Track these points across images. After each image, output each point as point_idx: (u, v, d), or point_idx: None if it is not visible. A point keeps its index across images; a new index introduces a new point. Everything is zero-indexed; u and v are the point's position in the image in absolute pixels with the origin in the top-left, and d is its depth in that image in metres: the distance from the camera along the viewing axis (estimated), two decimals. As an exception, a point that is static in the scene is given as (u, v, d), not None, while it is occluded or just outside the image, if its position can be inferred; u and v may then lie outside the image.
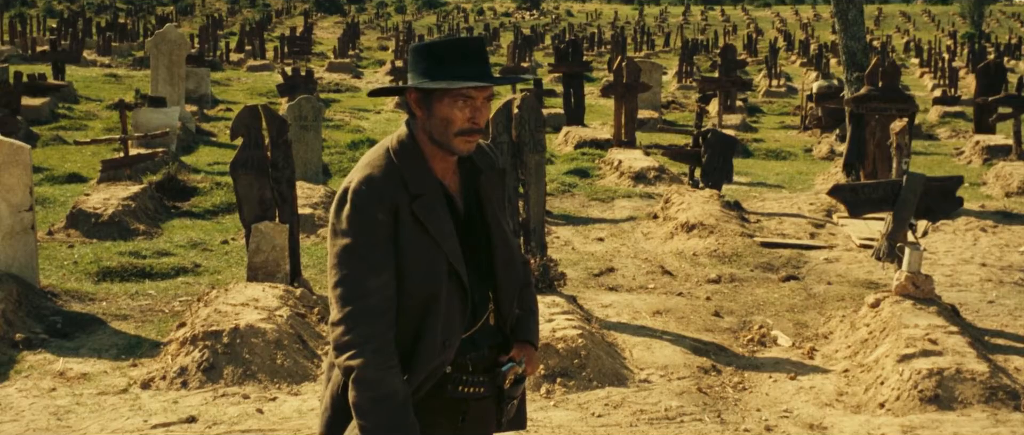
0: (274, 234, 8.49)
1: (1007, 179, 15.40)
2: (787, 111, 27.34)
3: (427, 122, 3.17)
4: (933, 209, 8.74)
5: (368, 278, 3.08)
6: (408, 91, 3.20)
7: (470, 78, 3.13)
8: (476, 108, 3.15)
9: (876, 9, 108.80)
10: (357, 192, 3.11)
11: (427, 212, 3.13)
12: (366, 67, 41.40)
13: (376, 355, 3.06)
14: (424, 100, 3.17)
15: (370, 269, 3.08)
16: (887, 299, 8.18)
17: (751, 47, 54.21)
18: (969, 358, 7.07)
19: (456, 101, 3.13)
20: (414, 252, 3.12)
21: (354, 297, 3.08)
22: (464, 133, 3.15)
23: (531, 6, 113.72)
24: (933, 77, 38.81)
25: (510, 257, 3.35)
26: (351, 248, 3.09)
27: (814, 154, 19.42)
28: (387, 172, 3.14)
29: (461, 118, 3.14)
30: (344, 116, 24.33)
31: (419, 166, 3.18)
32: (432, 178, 3.19)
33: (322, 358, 7.43)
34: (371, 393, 3.06)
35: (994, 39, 73.00)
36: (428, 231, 3.12)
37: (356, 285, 3.08)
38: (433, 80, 3.13)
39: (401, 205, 3.11)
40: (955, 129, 23.45)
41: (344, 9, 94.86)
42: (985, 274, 10.38)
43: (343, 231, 3.11)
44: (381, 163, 3.17)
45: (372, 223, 3.09)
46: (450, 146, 3.16)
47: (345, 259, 3.10)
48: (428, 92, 3.15)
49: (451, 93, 3.12)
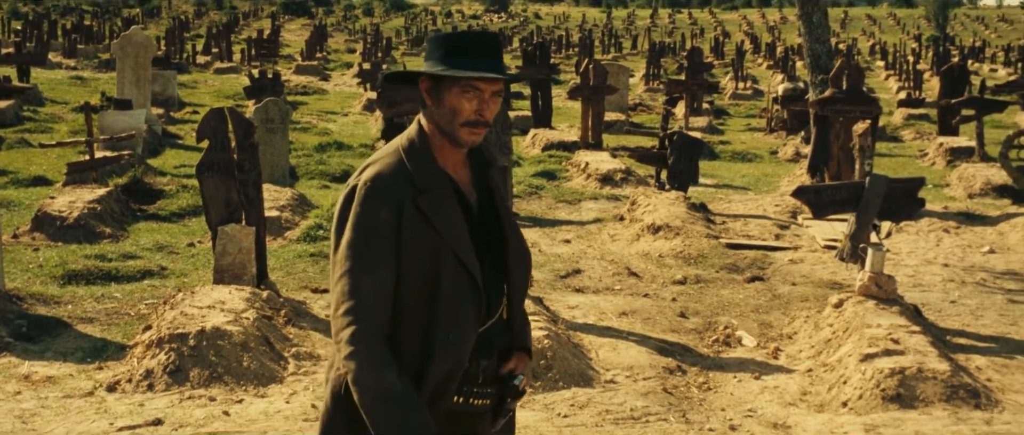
0: (240, 237, 8.48)
1: (970, 180, 15.56)
2: (753, 113, 27.50)
3: (436, 111, 3.18)
4: (896, 210, 8.85)
5: (365, 276, 3.07)
6: (420, 79, 3.22)
7: (481, 70, 3.14)
8: (484, 101, 3.17)
9: (842, 12, 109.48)
10: (362, 189, 3.12)
11: (432, 206, 3.12)
12: (334, 69, 41.33)
13: (370, 354, 3.05)
14: (434, 89, 3.18)
15: (367, 267, 3.07)
16: (850, 299, 8.26)
17: (718, 50, 54.50)
18: (931, 357, 7.16)
19: (465, 92, 3.14)
20: (417, 247, 3.10)
21: (351, 295, 3.07)
22: (470, 124, 3.15)
23: (499, 9, 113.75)
24: (898, 80, 39.15)
25: (521, 250, 3.35)
26: (352, 245, 3.09)
27: (780, 156, 19.56)
28: (393, 169, 3.14)
29: (468, 109, 3.14)
30: (312, 119, 24.29)
31: (426, 160, 3.17)
32: (439, 172, 3.19)
33: (289, 360, 7.44)
34: (372, 392, 3.06)
35: (958, 42, 73.64)
36: (433, 225, 3.11)
37: (353, 282, 3.07)
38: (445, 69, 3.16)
39: (405, 201, 3.10)
40: (919, 131, 23.67)
41: (312, 11, 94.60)
42: (947, 274, 10.49)
43: (346, 228, 3.12)
44: (389, 160, 3.17)
45: (374, 221, 3.09)
46: (456, 136, 3.17)
47: (345, 256, 3.10)
48: (439, 81, 3.17)
49: (460, 83, 3.14)
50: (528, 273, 3.41)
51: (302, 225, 11.90)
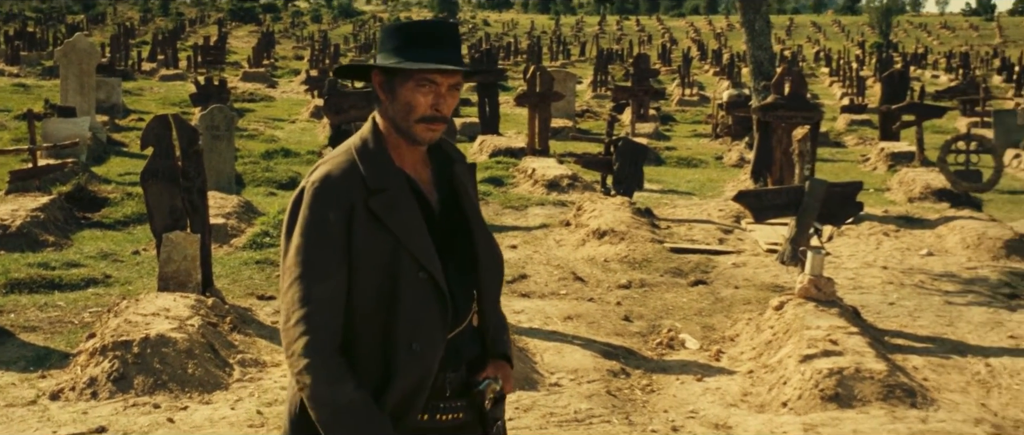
0: (185, 244, 8.47)
1: (910, 185, 15.81)
2: (699, 119, 27.74)
3: (390, 107, 2.99)
4: (835, 214, 9.00)
5: (314, 285, 2.89)
6: (373, 73, 3.04)
7: (437, 62, 2.94)
8: (440, 95, 2.96)
9: (788, 19, 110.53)
10: (310, 191, 2.93)
11: (386, 208, 2.92)
12: (281, 76, 41.19)
13: (325, 366, 2.86)
14: (388, 83, 2.99)
15: (317, 275, 2.89)
16: (790, 302, 8.40)
17: (665, 57, 54.91)
18: (868, 358, 7.29)
19: (420, 86, 2.94)
20: (371, 251, 2.91)
21: (301, 304, 2.89)
22: (426, 120, 2.95)
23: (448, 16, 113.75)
24: (842, 86, 39.66)
25: (491, 251, 3.14)
26: (299, 251, 2.91)
27: (725, 161, 19.76)
28: (344, 170, 2.95)
29: (423, 104, 2.94)
30: (259, 126, 24.20)
31: (380, 160, 2.98)
32: (395, 171, 2.99)
33: (234, 366, 7.44)
34: (329, 408, 2.87)
35: (901, 49, 74.65)
36: (388, 228, 2.91)
37: (302, 292, 2.89)
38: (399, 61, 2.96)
39: (357, 203, 2.91)
40: (862, 137, 24.00)
41: (259, 18, 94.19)
42: (887, 277, 10.67)
43: (294, 233, 2.94)
44: (340, 160, 2.98)
45: (323, 225, 2.90)
46: (411, 133, 2.97)
47: (293, 263, 2.92)
48: (392, 74, 2.97)
49: (415, 77, 2.94)
50: (500, 275, 3.20)
51: (248, 232, 11.89)
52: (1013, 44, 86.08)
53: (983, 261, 11.45)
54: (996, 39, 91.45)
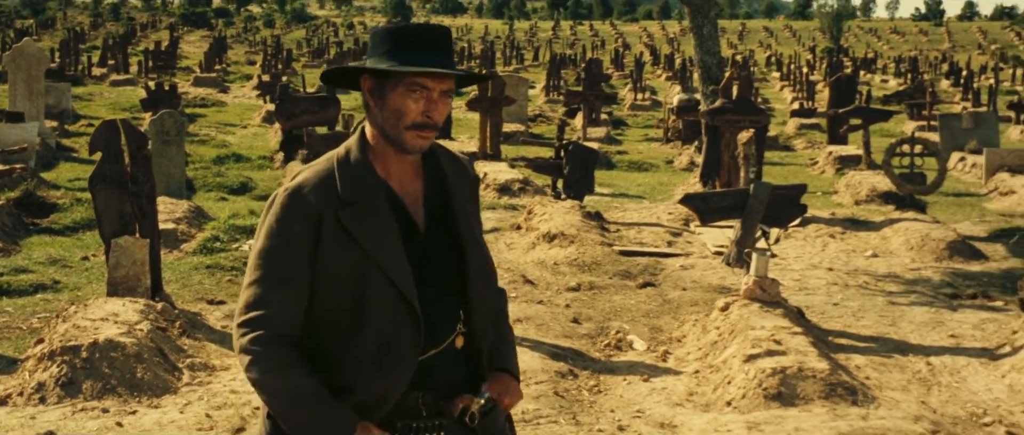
0: (134, 249, 8.47)
1: (857, 188, 16.04)
2: (651, 124, 27.93)
3: (379, 113, 2.88)
4: (779, 216, 9.15)
5: (271, 291, 2.84)
6: (362, 78, 2.93)
7: (428, 66, 2.83)
8: (432, 101, 2.86)
9: (740, 24, 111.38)
10: (281, 198, 2.87)
11: (356, 221, 2.83)
12: (233, 81, 41.03)
13: (270, 357, 2.81)
14: (378, 88, 2.89)
15: (275, 281, 2.84)
16: (736, 303, 8.52)
17: (618, 61, 55.14)
18: (811, 357, 7.42)
19: (411, 91, 2.84)
20: (336, 264, 2.83)
21: (254, 306, 2.85)
22: (416, 127, 2.84)
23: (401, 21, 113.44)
24: (792, 90, 40.01)
25: (484, 271, 3.02)
26: (263, 255, 2.86)
27: (675, 165, 19.94)
28: (320, 179, 2.87)
29: (414, 110, 2.84)
30: (210, 131, 24.13)
31: (359, 171, 2.89)
32: (374, 183, 2.90)
33: (183, 370, 7.46)
34: (280, 396, 2.82)
35: (852, 53, 75.45)
36: (356, 241, 2.82)
37: (259, 295, 2.85)
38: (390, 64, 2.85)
39: (326, 214, 2.83)
40: (811, 140, 24.28)
41: (211, 23, 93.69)
42: (832, 278, 10.84)
43: (261, 235, 2.89)
44: (318, 168, 2.91)
45: (288, 233, 2.84)
46: (401, 141, 2.86)
47: (253, 266, 2.88)
48: (383, 79, 2.87)
49: (405, 81, 2.84)
50: (492, 297, 3.08)
51: (199, 237, 11.88)
52: (962, 49, 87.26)
53: (926, 262, 11.65)
54: (945, 44, 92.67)
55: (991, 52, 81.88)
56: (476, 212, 3.11)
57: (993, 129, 21.34)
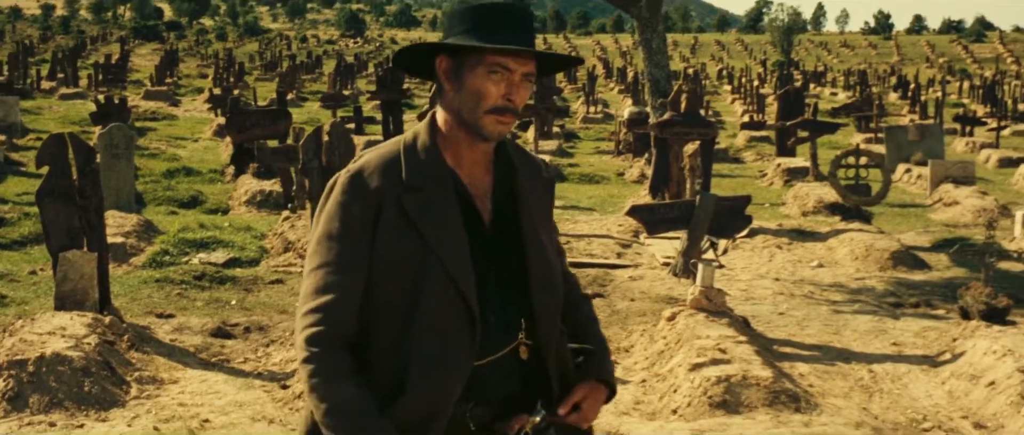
0: (82, 263, 8.45)
1: (804, 199, 16.25)
2: (603, 137, 28.11)
3: (456, 96, 2.71)
4: (725, 226, 9.28)
5: (331, 278, 2.68)
6: (438, 58, 2.75)
7: (513, 45, 2.67)
8: (513, 83, 2.70)
9: (693, 38, 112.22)
10: (342, 181, 2.73)
11: (420, 208, 2.68)
12: (184, 95, 40.86)
13: (322, 361, 2.66)
14: (455, 70, 2.71)
15: (335, 268, 2.69)
16: (682, 312, 8.63)
17: (570, 74, 55.34)
18: (755, 365, 7.54)
19: (492, 72, 2.67)
20: (394, 252, 2.68)
21: (315, 294, 2.70)
22: (497, 111, 2.68)
23: (355, 34, 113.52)
24: (743, 103, 40.37)
25: (549, 277, 2.82)
26: (320, 241, 2.72)
27: (626, 178, 20.09)
28: (385, 162, 2.71)
29: (495, 93, 2.67)
30: (160, 144, 24.01)
31: (427, 156, 2.73)
32: (441, 170, 2.73)
33: (131, 384, 7.45)
34: (325, 405, 2.65)
35: (802, 67, 76.23)
36: (419, 230, 2.67)
37: (317, 282, 2.71)
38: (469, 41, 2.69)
39: (388, 198, 2.67)
40: (760, 153, 24.53)
41: (163, 36, 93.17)
42: (778, 288, 10.98)
43: (321, 220, 2.74)
44: (383, 151, 2.76)
45: (346, 217, 2.69)
46: (478, 126, 2.69)
47: (313, 251, 2.74)
48: (461, 60, 2.70)
49: (486, 62, 2.67)
50: (558, 306, 2.86)
51: (148, 251, 11.85)
52: (910, 62, 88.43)
53: (871, 272, 11.84)
54: (894, 57, 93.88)
55: (939, 65, 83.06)
56: (549, 215, 2.92)
57: (938, 141, 21.67)
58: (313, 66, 61.86)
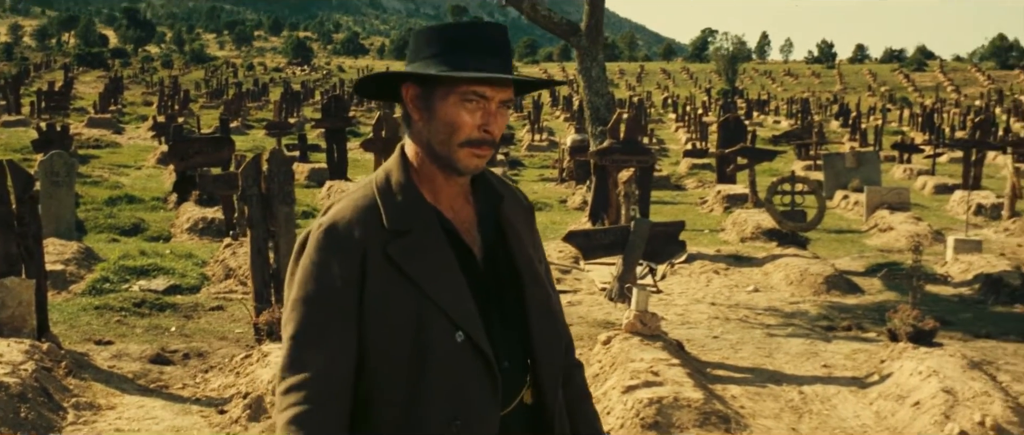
0: (20, 289, 8.46)
1: (742, 225, 16.51)
2: (548, 164, 28.33)
3: (426, 127, 2.41)
4: (660, 251, 9.45)
5: (310, 350, 2.34)
6: (404, 85, 2.45)
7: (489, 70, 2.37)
8: (490, 113, 2.40)
9: (639, 66, 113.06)
10: (315, 236, 2.39)
11: (408, 254, 2.35)
12: (128, 122, 40.67)
13: None
14: (424, 98, 2.41)
15: (314, 338, 2.34)
16: (617, 336, 8.78)
17: (517, 102, 55.66)
18: (687, 387, 7.69)
19: (466, 101, 2.38)
20: (387, 308, 2.34)
21: (293, 369, 2.34)
22: (472, 143, 2.38)
23: (302, 62, 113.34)
24: (687, 131, 40.80)
25: (547, 309, 2.53)
26: (296, 305, 2.38)
27: (569, 204, 20.28)
28: (360, 208, 2.39)
29: (470, 124, 2.38)
30: (103, 172, 23.90)
31: (406, 196, 2.41)
32: (424, 210, 2.42)
33: (68, 410, 7.47)
34: None
35: (746, 95, 77.12)
36: (410, 278, 2.34)
37: (294, 355, 2.35)
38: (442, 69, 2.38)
39: (371, 248, 2.35)
40: (702, 180, 24.85)
41: (107, 63, 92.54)
42: (713, 312, 11.17)
43: (296, 282, 2.40)
44: (356, 197, 2.43)
45: (325, 278, 2.34)
46: (453, 160, 2.40)
47: (288, 319, 2.39)
48: (430, 87, 2.40)
49: (459, 90, 2.37)
50: (562, 341, 2.58)
51: (88, 278, 11.83)
52: (852, 91, 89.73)
53: (805, 296, 12.07)
54: (837, 86, 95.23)
55: (881, 94, 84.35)
56: (538, 244, 2.64)
57: (875, 168, 22.08)
58: (259, 94, 61.76)
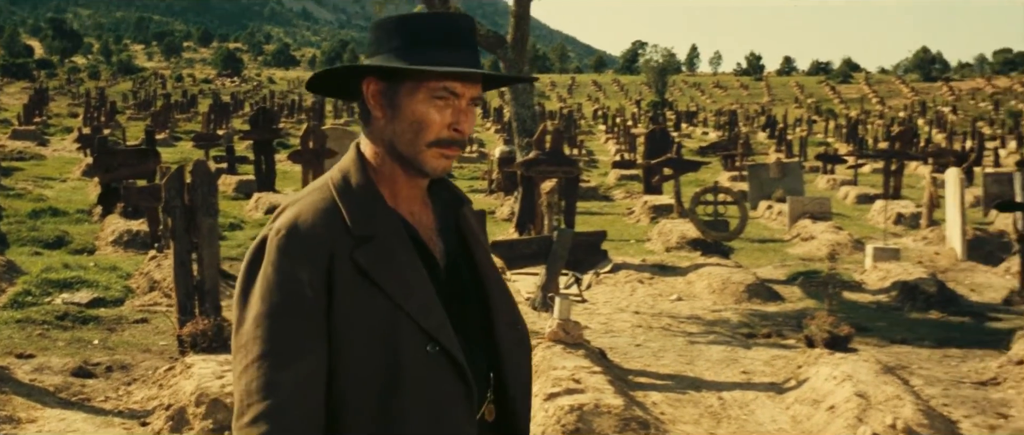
0: (-62, 302, 8.39)
1: (668, 235, 16.71)
2: (478, 175, 28.43)
3: (389, 125, 2.23)
4: (582, 261, 9.58)
5: (281, 369, 2.09)
6: (365, 80, 2.25)
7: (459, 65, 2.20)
8: (460, 110, 2.22)
9: (570, 78, 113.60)
10: (274, 242, 2.15)
11: (377, 260, 2.15)
12: (53, 134, 40.15)
13: None
14: (388, 94, 2.22)
15: (285, 355, 2.10)
16: (540, 344, 8.88)
17: (448, 114, 55.67)
18: (607, 394, 7.81)
19: (435, 98, 2.19)
20: (359, 320, 2.13)
21: (260, 395, 2.08)
22: (441, 143, 2.21)
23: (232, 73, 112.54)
24: (616, 142, 41.14)
25: (513, 318, 2.37)
26: (259, 323, 2.12)
27: (497, 216, 20.38)
28: (320, 211, 2.18)
29: (439, 122, 2.20)
30: (27, 184, 23.61)
31: (367, 198, 2.22)
32: (386, 213, 2.23)
33: (-15, 424, 7.43)
34: None
35: (676, 107, 77.83)
36: (379, 285, 2.14)
37: (263, 378, 2.09)
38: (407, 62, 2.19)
39: (338, 254, 2.14)
40: (629, 191, 25.11)
41: (33, 74, 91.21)
42: (637, 321, 11.33)
43: (252, 298, 2.15)
44: (313, 199, 2.22)
45: (292, 285, 2.11)
46: (419, 161, 2.23)
47: (251, 338, 2.12)
48: (395, 83, 2.21)
49: (427, 86, 2.19)
50: (527, 351, 2.41)
51: (9, 292, 11.71)
52: (780, 102, 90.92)
53: (727, 304, 12.27)
54: (764, 98, 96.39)
55: (808, 105, 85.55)
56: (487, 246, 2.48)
57: (798, 179, 22.45)
58: (188, 105, 61.26)
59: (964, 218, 15.67)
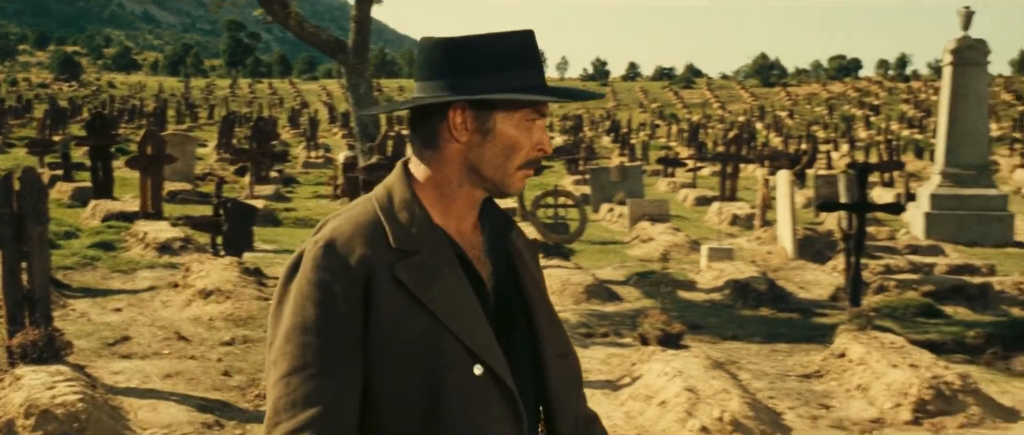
0: None
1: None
2: (323, 181, 28.30)
3: (477, 150, 2.16)
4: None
5: (317, 381, 2.02)
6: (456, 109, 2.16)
7: (541, 88, 2.17)
8: (541, 130, 2.21)
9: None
10: (312, 255, 2.09)
11: (419, 275, 2.08)
12: None
13: None
14: (481, 119, 2.16)
15: (321, 368, 2.03)
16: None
17: (295, 120, 55.31)
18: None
19: (528, 121, 2.18)
20: (400, 337, 2.05)
21: (292, 409, 2.02)
22: (529, 164, 2.20)
23: (70, 77, 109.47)
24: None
25: (564, 348, 2.29)
26: (293, 336, 2.06)
27: (342, 221, 20.36)
28: (361, 225, 2.12)
29: (528, 145, 2.18)
30: None
31: (412, 213, 2.14)
32: (432, 229, 2.15)
33: None
34: None
35: (523, 111, 78.50)
36: (421, 302, 2.06)
37: (296, 392, 2.02)
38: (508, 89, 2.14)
39: (378, 269, 2.06)
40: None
41: None
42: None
43: (286, 311, 2.09)
44: (356, 212, 2.16)
45: (327, 299, 2.05)
46: (506, 184, 2.19)
47: (285, 352, 2.06)
48: (488, 108, 2.15)
49: (524, 109, 2.17)
50: (578, 382, 2.33)
51: None
52: (625, 107, 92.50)
53: (566, 305, 12.50)
54: (610, 103, 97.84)
55: (652, 110, 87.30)
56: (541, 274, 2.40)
57: (638, 182, 22.96)
58: (23, 110, 59.39)
59: (794, 218, 16.26)
